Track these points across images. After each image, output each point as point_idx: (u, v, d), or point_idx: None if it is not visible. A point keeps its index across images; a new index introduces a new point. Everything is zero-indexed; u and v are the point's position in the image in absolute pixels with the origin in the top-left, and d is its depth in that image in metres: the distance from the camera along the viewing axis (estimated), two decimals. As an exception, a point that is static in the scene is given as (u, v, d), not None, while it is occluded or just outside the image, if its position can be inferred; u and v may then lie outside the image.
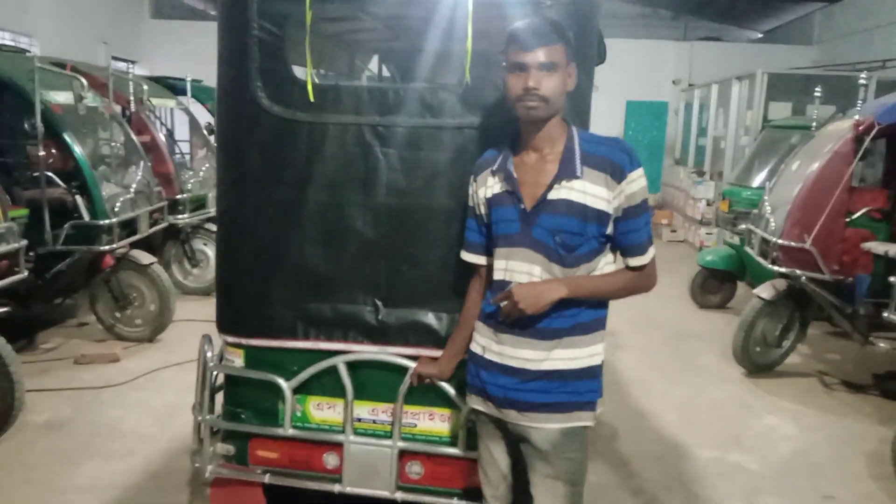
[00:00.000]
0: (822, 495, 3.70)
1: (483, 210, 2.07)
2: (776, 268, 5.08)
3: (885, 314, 4.00)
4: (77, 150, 5.05)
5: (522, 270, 1.96)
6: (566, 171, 1.91)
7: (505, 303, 1.92)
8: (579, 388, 2.00)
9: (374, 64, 4.90)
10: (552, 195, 1.92)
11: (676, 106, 14.11)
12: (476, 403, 2.13)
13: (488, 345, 2.05)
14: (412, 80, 3.52)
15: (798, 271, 4.93)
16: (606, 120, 13.36)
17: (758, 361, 5.39)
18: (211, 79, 2.43)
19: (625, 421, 4.46)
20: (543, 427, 1.99)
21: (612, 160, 1.91)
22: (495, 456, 2.16)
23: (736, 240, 7.07)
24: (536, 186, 1.94)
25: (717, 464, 3.98)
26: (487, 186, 2.04)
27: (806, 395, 5.08)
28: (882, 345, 4.78)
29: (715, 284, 7.36)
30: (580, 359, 2.00)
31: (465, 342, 2.21)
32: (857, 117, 4.92)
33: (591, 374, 2.02)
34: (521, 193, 1.95)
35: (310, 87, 2.28)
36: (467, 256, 2.17)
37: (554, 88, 1.87)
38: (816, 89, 6.41)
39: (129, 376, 4.86)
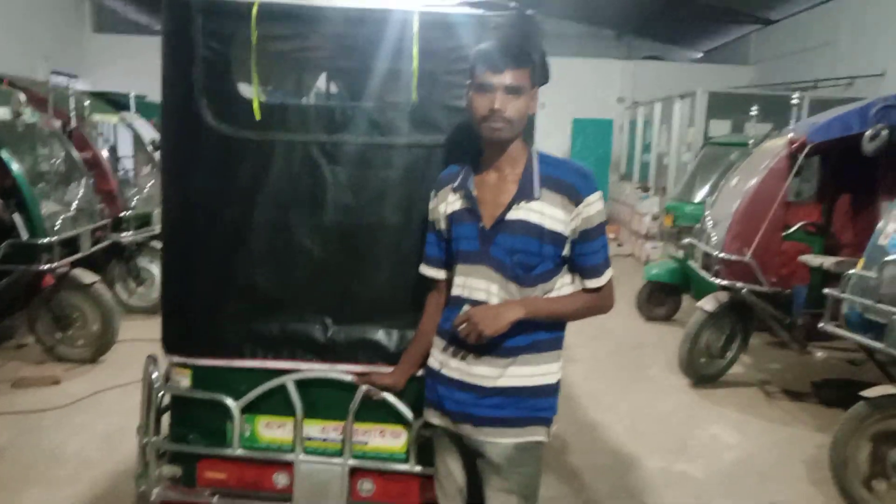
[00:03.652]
0: (765, 501, 3.81)
1: (443, 226, 2.10)
2: (718, 280, 5.24)
3: (821, 324, 4.15)
4: (14, 166, 4.92)
5: (480, 288, 1.99)
6: (525, 192, 1.95)
7: (464, 325, 1.93)
8: (534, 405, 2.03)
9: (322, 81, 4.90)
10: (510, 215, 1.95)
11: (621, 123, 14.43)
12: (433, 417, 2.15)
13: (445, 360, 2.07)
14: (360, 99, 3.53)
15: (739, 284, 5.09)
16: (554, 137, 13.59)
17: (703, 372, 5.53)
18: (155, 94, 2.40)
19: (574, 433, 4.52)
20: (498, 441, 2.02)
21: (570, 183, 1.95)
22: (452, 470, 2.18)
23: (680, 254, 7.25)
24: (496, 206, 1.98)
25: (663, 473, 4.06)
26: (448, 203, 2.07)
27: (749, 404, 5.23)
28: (819, 353, 4.95)
29: (661, 297, 7.52)
30: (536, 376, 2.03)
31: (421, 356, 2.22)
32: (790, 135, 5.13)
33: (547, 392, 2.05)
34: (480, 212, 1.99)
35: (256, 105, 2.27)
36: (426, 270, 2.19)
37: (519, 111, 1.90)
38: (753, 108, 6.64)
39: (70, 399, 4.72)
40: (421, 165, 2.29)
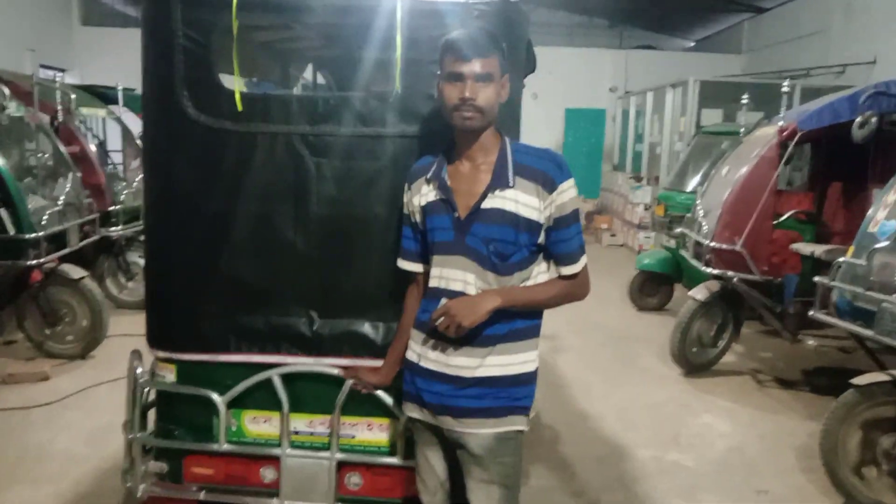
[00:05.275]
0: (756, 490, 3.81)
1: (418, 218, 2.08)
2: (709, 270, 5.23)
3: (812, 312, 4.14)
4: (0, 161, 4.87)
5: (457, 278, 1.98)
6: (499, 181, 1.94)
7: (441, 319, 1.92)
8: (513, 394, 2.03)
9: (309, 72, 4.86)
10: (485, 204, 1.94)
11: (614, 113, 14.42)
12: (412, 411, 2.13)
13: (424, 352, 2.06)
14: (347, 89, 3.49)
15: (730, 273, 5.09)
16: (546, 127, 13.54)
17: (694, 361, 5.52)
18: (143, 87, 2.37)
19: (566, 423, 4.51)
20: (478, 432, 2.01)
21: (543, 171, 1.94)
22: (432, 463, 2.17)
23: (672, 243, 7.24)
24: (470, 195, 1.97)
25: (656, 463, 4.06)
26: (422, 194, 2.05)
27: (740, 393, 5.23)
28: (810, 342, 4.96)
29: (653, 287, 7.52)
30: (514, 365, 2.02)
31: (405, 350, 2.20)
32: (780, 123, 5.11)
33: (525, 381, 2.05)
34: (454, 202, 1.97)
35: (237, 97, 2.24)
36: (403, 264, 2.17)
37: (489, 99, 1.89)
38: (744, 96, 6.62)
39: (59, 395, 4.69)
40: (405, 156, 2.26)
